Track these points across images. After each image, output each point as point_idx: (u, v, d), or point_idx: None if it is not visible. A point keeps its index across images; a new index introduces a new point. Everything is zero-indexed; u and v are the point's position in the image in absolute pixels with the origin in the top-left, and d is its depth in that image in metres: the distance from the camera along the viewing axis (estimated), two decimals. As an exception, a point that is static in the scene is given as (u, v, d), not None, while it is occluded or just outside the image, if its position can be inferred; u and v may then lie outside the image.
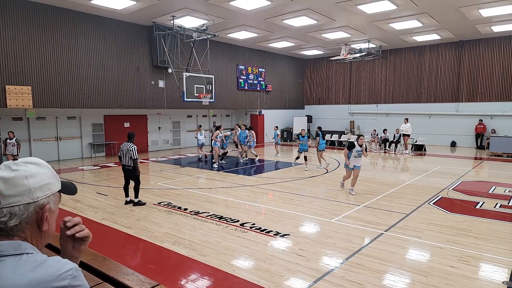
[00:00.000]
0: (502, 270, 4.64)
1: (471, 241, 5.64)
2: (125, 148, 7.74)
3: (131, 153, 7.64)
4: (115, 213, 7.39)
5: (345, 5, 12.91)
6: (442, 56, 20.23)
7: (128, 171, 7.84)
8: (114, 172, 12.25)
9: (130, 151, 7.64)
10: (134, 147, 7.68)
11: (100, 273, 2.01)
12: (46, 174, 1.17)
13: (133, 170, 7.76)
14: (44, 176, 1.16)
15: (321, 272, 4.57)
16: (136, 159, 7.63)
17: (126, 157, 7.73)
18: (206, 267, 4.76)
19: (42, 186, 1.13)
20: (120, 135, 17.08)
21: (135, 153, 7.64)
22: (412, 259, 5.09)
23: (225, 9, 13.27)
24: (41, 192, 1.13)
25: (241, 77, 21.19)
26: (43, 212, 1.13)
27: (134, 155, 7.62)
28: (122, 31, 15.21)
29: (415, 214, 7.14)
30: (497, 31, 17.18)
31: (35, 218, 1.12)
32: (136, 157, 7.62)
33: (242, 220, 6.80)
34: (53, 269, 1.04)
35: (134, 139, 7.95)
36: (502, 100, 18.53)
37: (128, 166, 7.76)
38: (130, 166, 7.72)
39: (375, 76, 22.89)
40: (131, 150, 7.63)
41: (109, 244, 5.78)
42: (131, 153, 7.64)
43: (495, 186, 9.71)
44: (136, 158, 7.62)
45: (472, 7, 13.31)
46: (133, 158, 7.62)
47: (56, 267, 1.05)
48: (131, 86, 15.73)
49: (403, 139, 17.62)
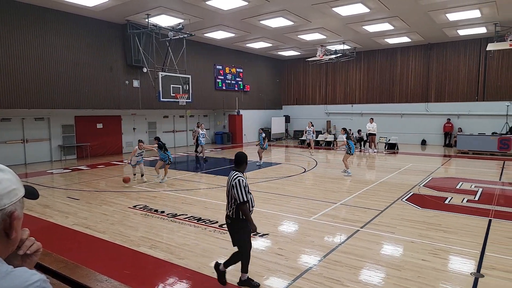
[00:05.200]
0: (470, 262, 4.87)
1: (441, 235, 5.88)
2: (229, 181, 4.20)
3: (234, 191, 4.02)
4: (87, 218, 7.15)
5: (320, 7, 13.13)
6: (413, 58, 20.98)
7: (228, 227, 4.31)
8: (86, 175, 11.85)
9: (233, 187, 4.05)
10: (241, 179, 4.08)
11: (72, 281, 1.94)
12: (11, 179, 1.11)
13: (233, 224, 4.17)
14: (9, 182, 1.10)
15: (300, 270, 4.62)
16: (243, 202, 4.00)
17: (229, 198, 4.19)
18: (184, 271, 4.70)
19: (8, 193, 1.08)
20: (93, 136, 16.57)
21: (241, 191, 3.99)
22: (386, 254, 5.25)
23: (202, 9, 13.16)
24: (8, 199, 1.07)
25: (219, 77, 21.08)
26: (11, 219, 1.08)
27: (240, 195, 3.99)
28: (94, 29, 14.75)
29: (389, 211, 7.36)
30: (462, 35, 18.01)
31: (2, 226, 1.06)
32: (244, 199, 4.00)
33: (221, 221, 6.76)
34: (20, 280, 0.99)
35: (244, 166, 4.33)
36: (468, 101, 19.45)
37: (229, 218, 4.22)
38: (230, 217, 4.18)
39: (350, 77, 23.42)
40: (235, 186, 4.04)
41: (81, 250, 5.58)
42: (236, 190, 4.01)
43: (462, 182, 10.18)
44: (244, 200, 4.00)
45: (440, 12, 13.88)
46: (239, 200, 4.00)
47: (22, 279, 1.00)
48: (104, 85, 15.28)
49: (370, 138, 18.15)
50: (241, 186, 3.97)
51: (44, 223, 6.87)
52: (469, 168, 12.99)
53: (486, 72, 18.89)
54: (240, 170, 4.19)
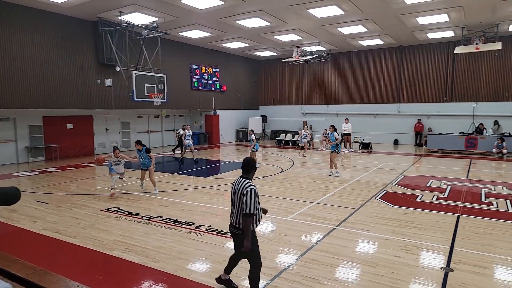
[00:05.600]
0: (440, 257, 5.06)
1: (413, 232, 6.07)
2: (238, 188, 3.87)
3: (244, 200, 3.70)
4: (57, 222, 6.85)
5: (296, 8, 13.25)
6: (385, 60, 21.62)
7: (235, 237, 3.97)
8: (55, 178, 11.37)
9: (244, 195, 3.72)
10: (255, 189, 3.75)
11: (41, 288, 1.83)
12: None
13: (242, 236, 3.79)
14: None
15: (277, 270, 4.63)
16: (250, 214, 3.67)
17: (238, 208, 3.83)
18: (160, 274, 4.59)
19: None
20: (62, 137, 15.93)
21: (252, 202, 3.68)
22: (361, 251, 5.36)
23: (177, 7, 12.95)
24: None
25: (195, 77, 20.84)
26: None
27: (249, 205, 3.67)
28: (63, 26, 14.17)
29: (364, 209, 7.53)
30: (432, 38, 18.74)
31: None
32: (252, 210, 3.68)
33: (197, 222, 6.67)
34: None
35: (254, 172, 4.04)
36: (437, 101, 20.27)
37: (236, 229, 3.87)
38: (238, 229, 3.83)
39: (325, 78, 23.82)
40: (246, 194, 3.70)
41: (51, 256, 5.34)
42: (246, 199, 3.69)
43: (432, 180, 10.58)
44: (251, 212, 3.68)
45: (410, 15, 14.38)
46: (247, 209, 3.67)
47: None
48: (74, 84, 14.71)
49: (345, 138, 18.55)
50: (252, 196, 3.66)
51: (10, 228, 6.52)
52: (439, 166, 13.53)
53: (454, 74, 19.75)
54: (249, 177, 3.89)
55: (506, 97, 18.49)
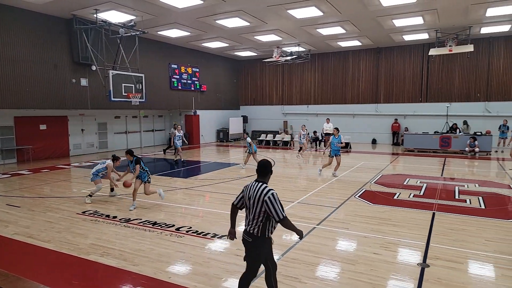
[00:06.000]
0: (417, 253, 5.19)
1: (391, 229, 6.21)
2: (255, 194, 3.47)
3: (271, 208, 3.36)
4: (30, 226, 6.57)
5: (276, 8, 13.30)
6: (363, 61, 22.06)
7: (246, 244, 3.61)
8: (28, 181, 10.92)
9: (267, 203, 3.37)
10: (275, 193, 3.43)
11: (11, 297, 1.74)
12: None
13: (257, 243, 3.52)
14: None
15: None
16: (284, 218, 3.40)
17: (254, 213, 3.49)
18: (139, 277, 4.48)
19: None
20: (35, 138, 15.33)
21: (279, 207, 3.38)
22: (341, 249, 5.42)
23: (155, 6, 12.72)
24: None
25: (174, 76, 20.55)
26: None
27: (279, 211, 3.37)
28: (36, 23, 13.65)
29: (343, 207, 7.64)
30: (407, 40, 19.29)
31: None
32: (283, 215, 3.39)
33: (177, 224, 6.57)
34: None
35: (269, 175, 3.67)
36: (413, 102, 20.88)
37: (249, 235, 3.54)
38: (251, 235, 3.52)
39: (305, 78, 24.05)
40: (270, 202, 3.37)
41: (24, 261, 5.11)
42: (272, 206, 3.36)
43: (409, 178, 10.87)
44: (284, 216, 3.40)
45: (387, 17, 14.73)
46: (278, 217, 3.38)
47: None
48: (47, 84, 14.20)
49: (326, 138, 18.79)
50: (277, 201, 3.39)
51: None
52: (415, 165, 13.92)
53: (429, 75, 20.39)
54: (265, 181, 3.59)
55: (478, 98, 19.27)
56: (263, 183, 3.53)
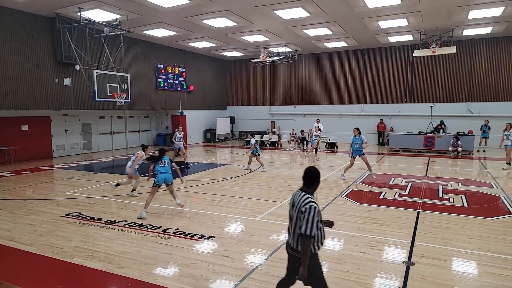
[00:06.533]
0: (402, 252, 5.27)
1: (377, 228, 6.29)
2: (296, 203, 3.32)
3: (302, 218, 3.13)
4: (11, 229, 6.38)
5: (262, 9, 13.31)
6: (349, 62, 22.31)
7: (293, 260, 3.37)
8: (9, 183, 10.60)
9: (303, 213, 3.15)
10: (315, 206, 3.17)
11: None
12: None
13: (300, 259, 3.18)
14: None
15: (246, 271, 4.60)
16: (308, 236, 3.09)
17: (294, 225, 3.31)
18: (124, 280, 4.40)
19: None
20: (17, 139, 14.91)
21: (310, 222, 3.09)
22: (328, 248, 5.45)
23: (140, 5, 12.55)
24: None
25: (160, 76, 20.33)
26: None
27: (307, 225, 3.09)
28: (17, 22, 13.28)
29: (330, 207, 7.69)
30: (392, 41, 19.60)
31: None
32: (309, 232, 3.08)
33: (164, 226, 6.49)
34: None
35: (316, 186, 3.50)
36: (398, 102, 21.23)
37: (295, 251, 3.29)
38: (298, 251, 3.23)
39: (292, 79, 24.16)
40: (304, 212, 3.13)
41: (5, 265, 4.96)
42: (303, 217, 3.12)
43: (394, 178, 11.04)
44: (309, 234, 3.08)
45: (372, 19, 14.94)
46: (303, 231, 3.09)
47: None
48: (29, 83, 13.83)
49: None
50: (311, 215, 3.06)
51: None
52: (400, 164, 14.15)
53: (413, 76, 20.78)
54: (310, 191, 3.31)
55: (460, 98, 19.73)
56: (307, 192, 3.29)
